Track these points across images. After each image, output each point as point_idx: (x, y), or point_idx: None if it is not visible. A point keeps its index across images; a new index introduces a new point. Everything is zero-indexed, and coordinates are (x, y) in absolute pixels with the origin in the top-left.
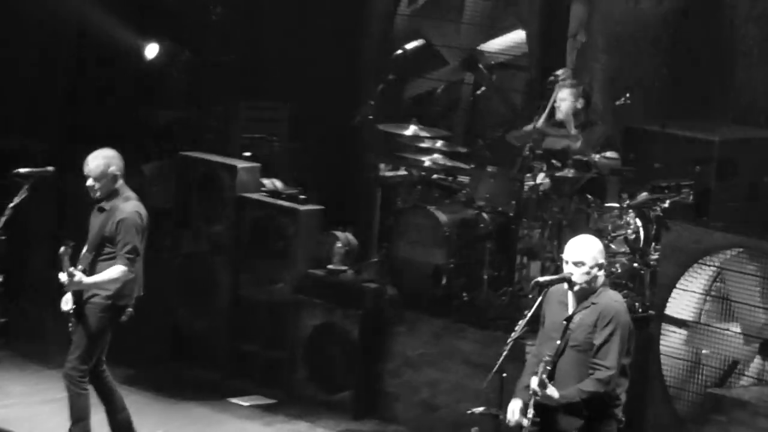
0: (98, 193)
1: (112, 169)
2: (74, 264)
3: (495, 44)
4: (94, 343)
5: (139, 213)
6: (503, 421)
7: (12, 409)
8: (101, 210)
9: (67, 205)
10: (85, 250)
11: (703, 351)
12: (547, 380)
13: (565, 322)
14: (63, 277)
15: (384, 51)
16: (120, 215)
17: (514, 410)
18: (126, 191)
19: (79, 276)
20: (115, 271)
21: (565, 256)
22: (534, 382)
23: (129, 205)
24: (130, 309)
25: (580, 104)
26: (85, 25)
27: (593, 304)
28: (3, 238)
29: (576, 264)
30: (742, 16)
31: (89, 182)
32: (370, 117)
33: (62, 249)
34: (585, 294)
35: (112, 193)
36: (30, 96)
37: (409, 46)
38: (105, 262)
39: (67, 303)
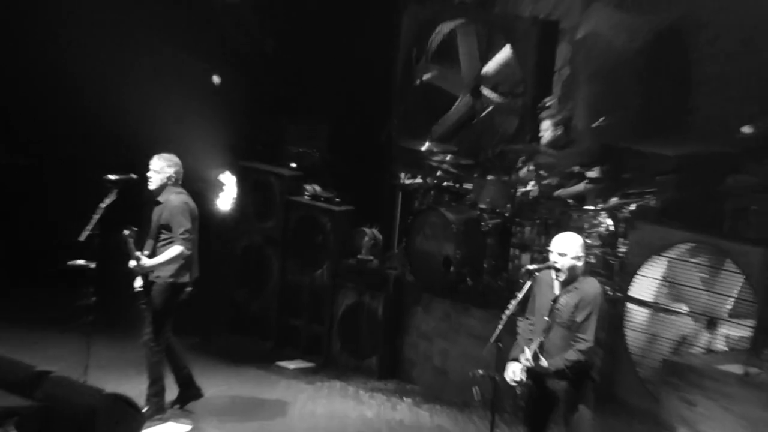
0: (152, 185)
1: (168, 169)
2: (140, 250)
3: (492, 65)
4: (162, 316)
5: (187, 202)
6: (499, 381)
7: (105, 370)
8: (157, 203)
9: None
10: (148, 238)
11: (660, 326)
12: (539, 353)
13: (552, 302)
14: (131, 262)
15: (406, 81)
16: (171, 205)
17: (514, 371)
18: (178, 188)
19: (144, 259)
20: (173, 251)
21: (552, 248)
22: (528, 354)
23: (179, 198)
24: (189, 288)
25: (559, 131)
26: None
27: (575, 288)
28: (96, 233)
29: (561, 254)
30: (701, 52)
31: (149, 173)
32: (392, 133)
33: (125, 233)
34: (568, 280)
35: (165, 189)
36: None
37: (425, 77)
38: (164, 246)
39: (137, 283)
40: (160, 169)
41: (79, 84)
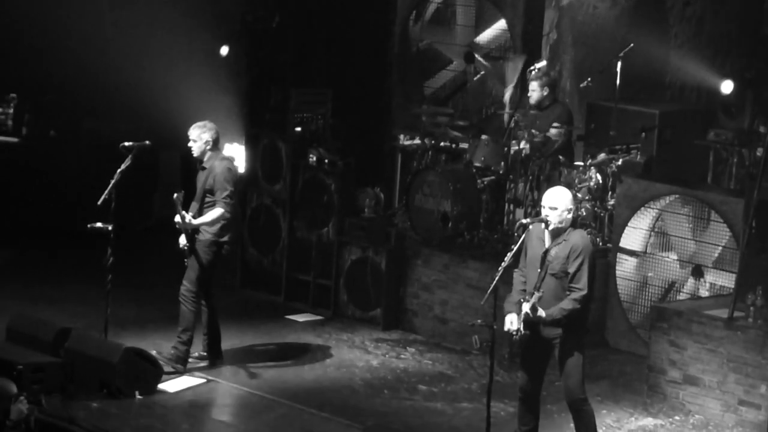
0: (195, 153)
1: (205, 134)
2: (186, 210)
3: (485, 36)
4: (203, 271)
5: (230, 168)
6: (497, 330)
7: (123, 327)
8: (203, 169)
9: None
10: (193, 201)
11: (649, 274)
12: (537, 306)
13: (543, 254)
14: (177, 219)
15: (403, 48)
16: (215, 171)
17: (512, 321)
18: (221, 154)
19: (189, 218)
20: (215, 212)
21: (543, 202)
22: (526, 307)
23: (222, 163)
24: (228, 246)
25: (545, 92)
26: None
27: (565, 240)
28: (113, 196)
29: (551, 208)
30: (677, 17)
31: (189, 143)
32: (393, 98)
33: (175, 195)
34: (558, 232)
35: (209, 155)
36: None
37: (422, 44)
38: (208, 208)
39: (182, 241)
40: (197, 137)
41: (99, 61)
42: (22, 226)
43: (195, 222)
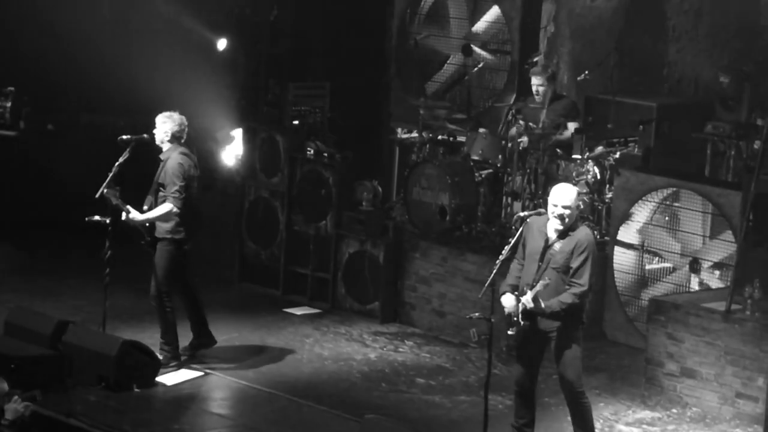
0: (155, 140)
1: (167, 125)
2: (141, 204)
3: (481, 24)
4: (165, 270)
5: (182, 163)
6: (494, 323)
7: (121, 320)
8: (160, 161)
9: None
10: (148, 195)
11: (647, 267)
12: (538, 297)
13: (545, 247)
14: (123, 215)
15: (401, 42)
16: (168, 164)
17: (509, 301)
18: (181, 148)
19: (133, 213)
20: (163, 207)
21: (554, 201)
22: (527, 297)
23: (177, 157)
24: (186, 246)
25: (549, 86)
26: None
27: (570, 235)
28: (111, 189)
29: (565, 207)
30: (674, 9)
31: (154, 130)
32: (391, 92)
33: (105, 191)
34: (565, 228)
35: (167, 147)
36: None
37: (420, 37)
38: (161, 202)
39: (144, 239)
40: (159, 126)
41: (97, 55)
42: (19, 219)
43: (140, 217)
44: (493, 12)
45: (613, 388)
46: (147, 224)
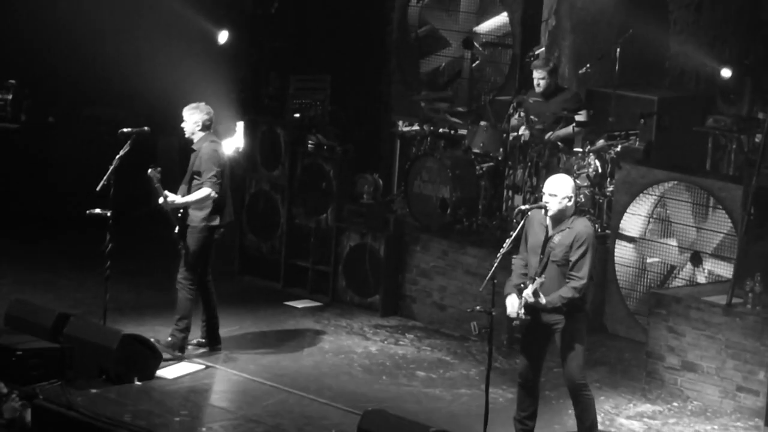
0: (185, 133)
1: (196, 115)
2: (175, 192)
3: (485, 26)
4: (196, 257)
5: (216, 150)
6: (495, 316)
7: (122, 313)
8: (192, 150)
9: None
10: (182, 183)
11: (648, 260)
12: (539, 291)
13: (545, 241)
14: (160, 199)
15: (401, 34)
16: (202, 152)
17: (513, 304)
18: (211, 137)
19: (171, 197)
20: (202, 192)
21: (544, 189)
22: (528, 292)
23: (210, 145)
24: (222, 229)
25: (551, 79)
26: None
27: (569, 228)
28: (154, 171)
29: (551, 195)
30: (676, 3)
31: (182, 124)
32: (392, 85)
33: (150, 170)
34: (560, 219)
35: (199, 137)
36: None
37: (420, 30)
38: (196, 190)
39: (175, 228)
40: (188, 117)
41: (98, 48)
42: (20, 212)
43: (179, 201)
44: (501, 18)
45: (614, 381)
46: (179, 214)
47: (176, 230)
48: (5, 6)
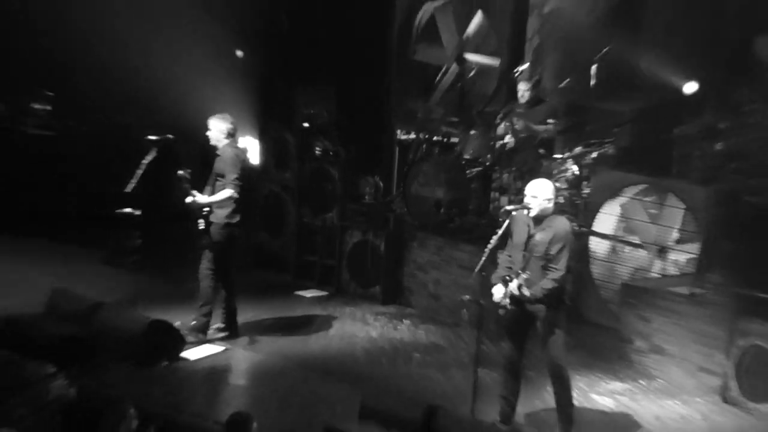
0: (211, 140)
1: (222, 125)
2: (201, 192)
3: (470, 30)
4: (220, 251)
5: (237, 155)
6: (484, 306)
7: (150, 301)
8: (216, 155)
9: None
10: (207, 185)
11: (620, 255)
12: (523, 285)
13: (528, 238)
14: (188, 198)
15: (401, 50)
16: (225, 156)
17: (498, 293)
18: (234, 143)
19: (198, 196)
20: (224, 192)
21: (526, 191)
22: (513, 285)
23: (233, 151)
24: (239, 228)
25: (532, 91)
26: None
27: (549, 226)
28: (185, 172)
29: (533, 197)
30: (648, 23)
31: (208, 132)
32: (392, 96)
33: (180, 172)
34: (540, 218)
35: (224, 144)
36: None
37: (416, 56)
38: (219, 190)
39: (200, 224)
40: (214, 127)
41: (128, 64)
42: (58, 211)
43: (205, 200)
44: (477, 18)
45: (588, 362)
46: (204, 212)
47: (201, 226)
48: (46, 28)
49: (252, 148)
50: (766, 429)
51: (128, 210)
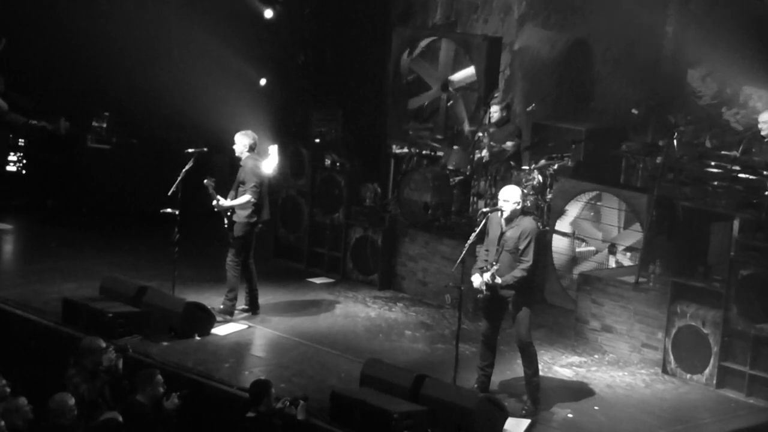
0: (236, 152)
1: (245, 140)
2: (225, 197)
3: (458, 75)
4: (241, 245)
5: (257, 165)
6: (464, 291)
7: (186, 286)
8: (240, 166)
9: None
10: (231, 190)
11: (576, 249)
12: (496, 274)
13: (500, 235)
14: (213, 202)
15: (396, 80)
16: (246, 167)
17: (476, 280)
18: (255, 156)
19: (222, 201)
20: (244, 197)
21: (499, 196)
22: (487, 275)
23: (253, 162)
24: (260, 225)
25: (503, 113)
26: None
27: (517, 225)
28: (209, 180)
29: (504, 201)
30: (599, 58)
31: (234, 145)
32: (388, 118)
33: (205, 181)
34: (511, 218)
35: (246, 156)
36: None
37: (408, 78)
38: (240, 195)
39: (225, 223)
40: (239, 141)
41: (170, 86)
42: (111, 211)
43: (227, 203)
44: (469, 71)
45: (551, 339)
46: (228, 213)
47: (226, 225)
48: (99, 55)
49: (274, 158)
50: (697, 395)
51: (169, 210)
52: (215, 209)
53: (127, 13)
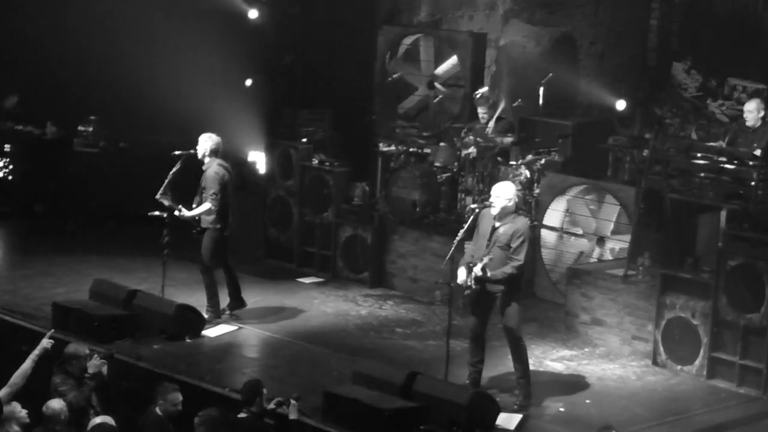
0: (198, 155)
1: (206, 143)
2: (191, 201)
3: (442, 68)
4: (210, 251)
5: (217, 172)
6: (453, 287)
7: (176, 288)
8: (203, 171)
9: None
10: (196, 195)
11: (565, 243)
12: (486, 268)
13: (492, 230)
14: (176, 212)
15: (382, 79)
16: (208, 173)
17: (462, 276)
18: (219, 160)
19: (183, 210)
20: (203, 207)
21: (492, 192)
22: (478, 267)
23: (215, 168)
24: (226, 233)
25: (491, 111)
26: None
27: (511, 222)
28: (164, 195)
29: (497, 197)
30: (584, 53)
31: (197, 147)
32: (374, 117)
33: (158, 195)
34: (504, 215)
35: (208, 160)
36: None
37: (392, 77)
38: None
39: (194, 229)
40: (201, 144)
41: (156, 88)
42: (100, 214)
43: (187, 214)
44: (452, 60)
45: (541, 333)
46: (195, 218)
47: (195, 231)
48: (91, 60)
49: (261, 161)
50: (688, 386)
51: (157, 213)
52: (180, 217)
53: (112, 16)
